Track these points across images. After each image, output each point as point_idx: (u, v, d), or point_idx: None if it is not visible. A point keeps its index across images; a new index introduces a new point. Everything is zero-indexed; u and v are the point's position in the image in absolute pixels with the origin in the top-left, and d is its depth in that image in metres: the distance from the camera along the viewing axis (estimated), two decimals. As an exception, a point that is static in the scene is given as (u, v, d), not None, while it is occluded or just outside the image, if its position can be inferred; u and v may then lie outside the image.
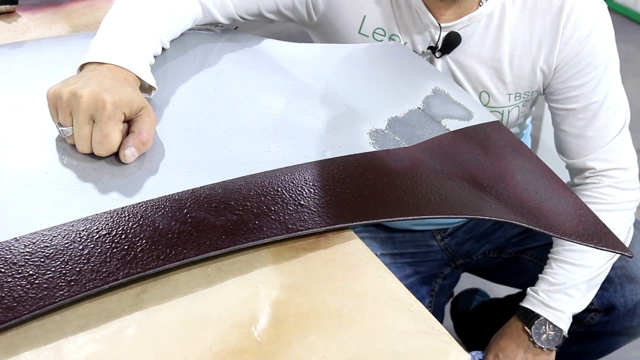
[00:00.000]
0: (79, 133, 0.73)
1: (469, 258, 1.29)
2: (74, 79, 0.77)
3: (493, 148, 0.88)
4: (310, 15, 1.11)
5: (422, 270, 1.27)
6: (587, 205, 0.83)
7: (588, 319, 1.14)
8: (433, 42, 1.06)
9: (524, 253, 1.21)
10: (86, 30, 1.16)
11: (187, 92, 0.88)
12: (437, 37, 1.05)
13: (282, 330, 0.60)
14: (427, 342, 0.61)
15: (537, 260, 1.19)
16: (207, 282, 0.65)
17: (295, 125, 0.85)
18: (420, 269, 1.27)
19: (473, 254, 1.28)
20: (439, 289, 1.30)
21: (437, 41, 1.05)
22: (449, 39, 1.04)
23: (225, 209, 0.70)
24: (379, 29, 1.08)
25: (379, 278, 0.67)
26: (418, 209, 0.75)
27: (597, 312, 1.12)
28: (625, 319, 1.11)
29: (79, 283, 0.60)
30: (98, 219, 0.67)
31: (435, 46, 1.05)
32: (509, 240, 1.24)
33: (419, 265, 1.27)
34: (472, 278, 1.51)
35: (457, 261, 1.30)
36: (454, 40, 1.04)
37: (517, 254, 1.23)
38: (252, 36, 1.06)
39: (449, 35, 1.04)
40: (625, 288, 1.08)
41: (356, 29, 1.09)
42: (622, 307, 1.09)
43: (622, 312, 1.10)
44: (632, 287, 1.08)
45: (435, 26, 1.04)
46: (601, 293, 1.09)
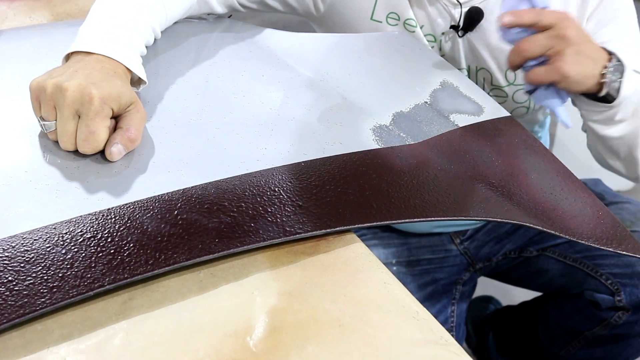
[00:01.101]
0: (62, 129, 0.73)
1: (488, 261, 1.29)
2: (59, 70, 0.77)
3: (505, 145, 0.88)
4: (317, 4, 1.11)
5: (441, 277, 1.27)
6: (605, 207, 0.83)
7: (615, 318, 1.14)
8: (454, 20, 1.06)
9: (547, 250, 1.21)
10: (69, 19, 1.16)
11: (178, 85, 0.88)
12: (457, 16, 1.05)
13: (280, 340, 0.60)
14: (434, 353, 0.61)
15: (561, 258, 1.20)
16: (199, 289, 0.64)
17: (294, 121, 0.85)
18: (439, 276, 1.27)
19: (493, 256, 1.28)
20: (459, 296, 1.30)
21: (459, 19, 1.05)
22: (470, 14, 1.04)
23: (218, 210, 0.70)
24: (393, 13, 1.08)
25: (383, 284, 0.67)
26: (425, 210, 0.75)
27: (624, 310, 1.12)
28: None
29: (62, 290, 0.60)
30: (82, 221, 0.67)
31: (458, 25, 1.05)
32: (530, 239, 1.24)
33: (437, 272, 1.27)
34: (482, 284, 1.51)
35: (476, 265, 1.30)
36: (477, 15, 1.04)
37: (539, 252, 1.23)
38: (248, 25, 1.06)
39: (471, 11, 1.04)
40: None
41: (368, 15, 1.09)
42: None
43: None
44: None
45: (453, 3, 1.04)
46: (630, 290, 1.10)
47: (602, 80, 0.91)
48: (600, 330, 1.16)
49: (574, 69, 0.88)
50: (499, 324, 1.52)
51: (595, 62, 0.91)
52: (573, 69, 0.88)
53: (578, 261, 1.17)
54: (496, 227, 1.27)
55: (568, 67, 0.88)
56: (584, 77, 0.90)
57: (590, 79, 0.91)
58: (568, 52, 0.88)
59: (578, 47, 0.88)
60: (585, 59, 0.89)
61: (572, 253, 1.17)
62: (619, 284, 1.11)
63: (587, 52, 0.90)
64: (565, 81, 0.89)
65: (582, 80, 0.90)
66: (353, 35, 1.07)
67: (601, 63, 0.91)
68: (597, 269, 1.14)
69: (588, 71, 0.90)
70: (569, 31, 0.88)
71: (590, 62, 0.90)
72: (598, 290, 1.14)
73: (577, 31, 0.89)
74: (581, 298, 1.18)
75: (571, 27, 0.88)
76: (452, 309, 1.27)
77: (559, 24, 0.88)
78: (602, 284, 1.13)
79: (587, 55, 0.90)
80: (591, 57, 0.90)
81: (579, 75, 0.89)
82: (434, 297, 1.24)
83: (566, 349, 1.25)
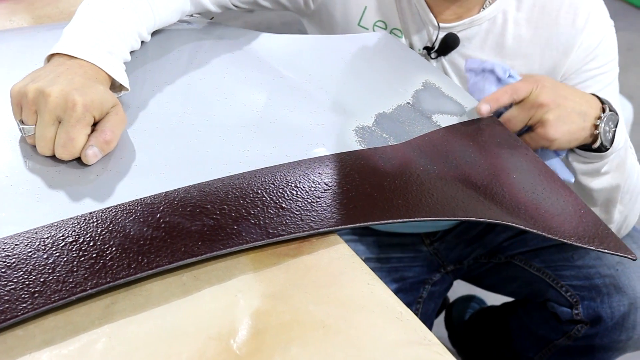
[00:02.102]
0: (41, 133, 0.72)
1: (460, 264, 1.30)
2: (41, 73, 0.76)
3: (487, 145, 0.88)
4: (307, 2, 1.11)
5: (409, 276, 1.28)
6: (587, 205, 0.83)
7: (575, 330, 1.15)
8: (430, 41, 1.07)
9: (514, 258, 1.22)
10: (50, 22, 1.15)
11: (160, 88, 0.88)
12: (434, 37, 1.06)
13: (263, 343, 0.60)
14: (418, 353, 0.61)
15: (526, 266, 1.20)
16: (182, 292, 0.64)
17: (276, 123, 0.85)
18: (407, 275, 1.28)
19: (464, 259, 1.29)
20: (427, 295, 1.31)
21: (434, 41, 1.06)
22: (446, 40, 1.05)
23: (201, 213, 0.70)
24: (380, 21, 1.09)
25: (366, 285, 0.67)
26: (408, 210, 0.75)
27: (583, 323, 1.13)
28: (613, 332, 1.11)
29: (44, 294, 0.60)
30: (64, 225, 0.66)
31: (432, 46, 1.06)
32: (500, 245, 1.24)
33: (406, 271, 1.28)
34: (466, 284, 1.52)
35: (447, 267, 1.31)
36: (452, 42, 1.05)
37: (507, 259, 1.23)
38: (230, 28, 1.06)
39: (447, 37, 1.05)
40: (612, 299, 1.09)
41: (356, 20, 1.09)
42: (609, 319, 1.10)
43: (609, 324, 1.10)
44: (620, 297, 1.08)
45: (434, 25, 1.05)
46: (588, 303, 1.11)
47: (595, 132, 0.92)
48: (564, 341, 1.17)
49: (560, 131, 0.90)
50: (480, 324, 1.53)
51: (583, 115, 0.92)
52: (559, 131, 0.90)
53: (541, 271, 1.17)
54: (466, 230, 1.28)
55: (553, 132, 0.90)
56: (573, 134, 0.91)
57: (581, 133, 0.92)
58: (549, 117, 0.89)
59: (558, 109, 0.90)
60: (569, 116, 0.91)
61: (536, 262, 1.18)
62: (578, 297, 1.12)
63: (570, 108, 0.91)
64: (555, 144, 0.91)
65: (573, 138, 0.92)
66: (335, 37, 1.07)
67: (592, 114, 0.92)
68: (558, 280, 1.15)
69: (576, 126, 0.91)
70: (543, 97, 0.90)
71: (577, 117, 0.91)
72: (558, 302, 1.15)
73: (554, 92, 0.91)
74: (545, 308, 1.19)
75: (545, 91, 0.90)
76: (416, 307, 1.27)
77: (533, 93, 0.90)
78: (562, 296, 1.14)
79: (571, 112, 0.91)
80: (577, 111, 0.91)
81: (567, 135, 0.91)
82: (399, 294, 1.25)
83: (539, 355, 1.26)
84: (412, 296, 1.28)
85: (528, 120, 0.91)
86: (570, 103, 0.91)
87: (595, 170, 0.98)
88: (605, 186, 1.00)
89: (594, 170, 0.98)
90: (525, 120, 0.91)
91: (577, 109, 0.91)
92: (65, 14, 1.18)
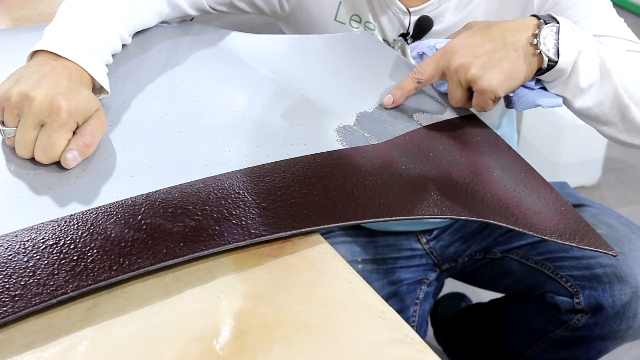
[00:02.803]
0: (22, 136, 0.72)
1: (454, 262, 1.30)
2: (25, 74, 0.76)
3: (468, 143, 0.89)
4: (282, 4, 1.11)
5: (406, 277, 1.28)
6: (568, 202, 0.84)
7: (574, 320, 1.15)
8: (404, 28, 1.07)
9: (510, 252, 1.22)
10: (28, 24, 1.15)
11: (141, 90, 0.88)
12: (407, 23, 1.06)
13: (246, 343, 0.60)
14: (401, 352, 0.61)
15: (523, 260, 1.21)
16: (164, 293, 0.64)
17: (257, 123, 0.85)
18: (404, 276, 1.28)
19: (459, 257, 1.29)
20: (423, 296, 1.31)
21: (408, 27, 1.06)
22: (420, 23, 1.05)
23: (182, 214, 0.70)
24: (355, 15, 1.09)
25: (348, 284, 0.68)
26: (390, 209, 0.75)
27: (584, 313, 1.14)
28: (613, 321, 1.12)
29: (24, 298, 0.60)
30: (44, 228, 0.66)
31: (407, 32, 1.06)
32: (495, 240, 1.25)
33: (403, 272, 1.28)
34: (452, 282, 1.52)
35: (442, 266, 1.31)
36: (426, 24, 1.05)
37: (503, 254, 1.24)
38: (210, 28, 1.06)
39: (420, 20, 1.05)
40: (614, 288, 1.10)
41: (332, 15, 1.10)
42: (610, 307, 1.10)
43: (610, 313, 1.11)
44: (621, 286, 1.09)
45: (403, 12, 1.05)
46: (589, 292, 1.11)
47: (537, 52, 0.87)
48: (562, 332, 1.18)
49: (491, 78, 0.86)
50: (468, 321, 1.54)
51: (510, 46, 0.86)
52: (491, 78, 0.86)
53: (539, 263, 1.18)
54: (462, 227, 1.28)
55: (486, 83, 0.86)
56: (509, 71, 0.86)
57: (518, 63, 0.86)
58: (473, 72, 0.86)
59: (477, 59, 0.86)
60: (493, 58, 0.86)
61: (534, 255, 1.18)
62: (578, 287, 1.12)
63: (490, 50, 0.86)
64: (499, 90, 0.87)
65: (512, 74, 0.86)
66: (316, 36, 1.07)
67: (523, 39, 0.87)
68: (557, 271, 1.15)
69: (508, 62, 0.86)
70: (455, 59, 0.87)
71: (503, 53, 0.86)
72: (558, 292, 1.15)
73: (465, 47, 0.87)
74: (543, 300, 1.20)
75: (456, 52, 0.87)
76: (414, 309, 1.27)
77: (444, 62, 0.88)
78: (562, 286, 1.15)
79: (492, 53, 0.86)
80: (500, 47, 0.86)
81: (503, 75, 0.86)
82: (397, 296, 1.25)
83: (532, 348, 1.26)
84: (409, 298, 1.28)
85: (462, 86, 0.88)
86: (488, 45, 0.86)
87: (574, 86, 0.90)
88: (602, 98, 0.91)
89: (573, 87, 0.90)
90: (460, 88, 0.88)
91: (499, 45, 0.86)
92: (44, 16, 1.17)
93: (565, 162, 2.22)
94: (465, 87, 0.89)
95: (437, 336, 1.67)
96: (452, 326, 1.62)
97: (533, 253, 1.18)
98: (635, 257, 1.09)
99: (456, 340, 1.59)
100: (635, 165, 2.41)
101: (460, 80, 0.88)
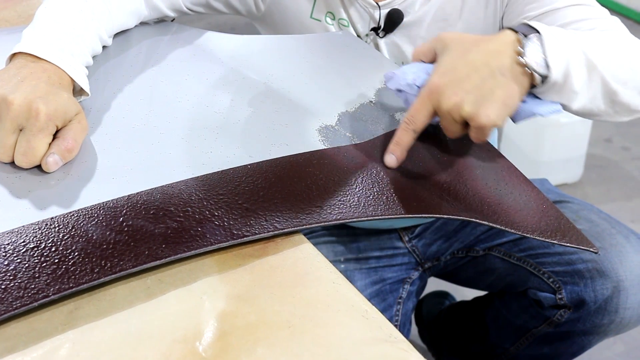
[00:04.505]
0: (1, 141, 0.72)
1: (437, 260, 1.31)
2: (4, 77, 0.75)
3: (450, 142, 0.89)
4: (257, 4, 1.12)
5: (389, 277, 1.28)
6: (549, 200, 0.85)
7: (557, 316, 1.16)
8: (374, 22, 1.08)
9: (493, 250, 1.23)
10: (7, 26, 1.14)
11: (122, 91, 0.88)
12: (377, 17, 1.07)
13: (229, 344, 0.60)
14: (384, 351, 0.62)
15: (506, 257, 1.21)
16: (146, 295, 0.64)
17: (239, 124, 0.85)
18: (387, 275, 1.28)
19: (441, 255, 1.30)
20: (406, 295, 1.31)
21: (379, 21, 1.07)
22: (391, 17, 1.06)
23: (164, 215, 0.70)
24: (330, 12, 1.10)
25: (331, 284, 0.68)
26: (372, 209, 0.76)
27: (566, 308, 1.14)
28: (595, 316, 1.13)
29: (5, 302, 0.60)
30: (25, 231, 0.66)
31: (378, 26, 1.07)
32: (477, 238, 1.25)
33: (386, 271, 1.28)
34: (436, 281, 1.53)
35: (424, 264, 1.31)
36: (397, 17, 1.06)
37: (485, 252, 1.25)
38: (190, 28, 1.06)
39: (391, 13, 1.06)
40: (595, 283, 1.11)
41: (307, 13, 1.10)
42: (592, 302, 1.11)
43: (592, 308, 1.12)
44: (603, 281, 1.10)
45: (373, 6, 1.06)
46: (571, 288, 1.12)
47: (526, 70, 0.81)
48: (545, 328, 1.18)
49: (488, 112, 0.78)
50: (452, 319, 1.54)
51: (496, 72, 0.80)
52: (488, 113, 0.78)
53: (522, 260, 1.18)
54: (444, 225, 1.29)
55: (484, 119, 0.78)
56: (503, 98, 0.79)
57: (510, 87, 0.80)
58: (467, 110, 0.78)
59: (468, 95, 0.79)
60: (482, 88, 0.79)
61: (516, 252, 1.19)
62: (560, 282, 1.13)
63: (478, 81, 0.79)
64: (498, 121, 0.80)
65: (507, 100, 0.80)
66: (297, 36, 1.07)
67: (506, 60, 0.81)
68: (539, 267, 1.16)
69: (501, 90, 0.79)
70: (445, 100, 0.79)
71: (491, 81, 0.80)
72: (541, 288, 1.16)
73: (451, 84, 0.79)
74: (526, 297, 1.20)
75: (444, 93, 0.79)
76: (397, 308, 1.28)
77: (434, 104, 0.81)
78: (544, 282, 1.15)
79: (481, 84, 0.79)
80: (487, 75, 0.80)
81: (498, 104, 0.79)
82: (380, 295, 1.25)
83: (516, 345, 1.27)
84: (392, 297, 1.28)
85: (458, 123, 0.81)
86: (475, 76, 0.79)
87: (567, 92, 0.85)
88: (594, 92, 0.86)
89: (566, 93, 0.85)
90: (456, 125, 0.81)
91: (486, 74, 0.79)
92: (23, 18, 1.17)
93: (547, 160, 2.24)
94: (460, 123, 0.81)
95: (421, 335, 1.67)
96: (436, 324, 1.62)
97: (515, 250, 1.19)
98: (616, 252, 1.10)
99: (440, 338, 1.60)
100: (617, 162, 2.43)
101: (455, 119, 0.81)
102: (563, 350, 1.23)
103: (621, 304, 1.10)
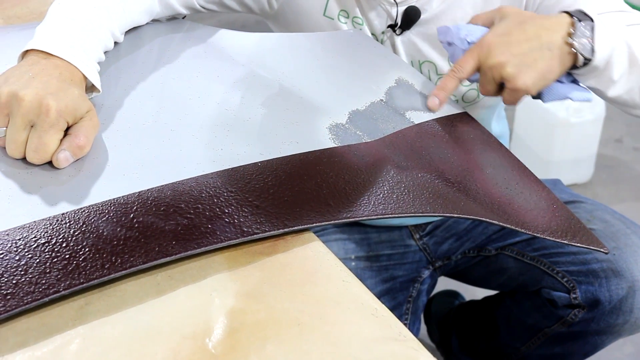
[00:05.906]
0: (13, 137, 0.72)
1: (448, 259, 1.31)
2: (16, 73, 0.76)
3: (460, 141, 0.89)
4: (270, 1, 1.12)
5: (399, 275, 1.28)
6: (559, 200, 0.84)
7: (571, 315, 1.15)
8: (391, 19, 1.07)
9: (505, 249, 1.23)
10: (19, 22, 1.15)
11: (133, 88, 0.88)
12: (394, 14, 1.06)
13: (238, 341, 0.60)
14: (393, 349, 0.62)
15: (519, 256, 1.21)
16: (156, 292, 0.64)
17: (249, 121, 0.85)
18: (398, 273, 1.28)
19: (452, 254, 1.29)
20: (416, 294, 1.31)
21: (396, 18, 1.07)
22: (408, 14, 1.06)
23: (175, 212, 0.70)
24: (343, 11, 1.10)
25: (341, 282, 0.68)
26: (382, 207, 0.76)
27: (581, 308, 1.14)
28: (610, 316, 1.13)
29: (16, 297, 0.60)
30: (36, 226, 0.66)
31: (395, 23, 1.07)
32: (489, 237, 1.25)
33: (396, 269, 1.28)
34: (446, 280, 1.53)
35: (435, 263, 1.31)
36: (414, 14, 1.06)
37: (497, 251, 1.24)
38: (202, 26, 1.06)
39: (408, 10, 1.06)
40: (610, 282, 1.10)
41: (321, 11, 1.10)
42: (607, 302, 1.11)
43: (607, 308, 1.11)
44: (618, 281, 1.09)
45: (390, 3, 1.06)
46: (586, 287, 1.11)
47: (573, 51, 0.87)
48: (558, 327, 1.18)
49: (527, 77, 0.87)
50: (462, 318, 1.54)
51: (545, 47, 0.87)
52: (526, 78, 0.87)
53: (535, 259, 1.18)
54: (455, 224, 1.29)
55: (521, 82, 0.87)
56: (543, 71, 0.87)
57: (554, 63, 0.87)
58: (509, 71, 0.87)
59: (514, 58, 0.86)
60: (528, 57, 0.87)
61: (529, 251, 1.18)
62: (575, 282, 1.13)
63: (527, 49, 0.87)
64: (532, 89, 0.88)
65: (547, 74, 0.88)
66: (308, 35, 1.07)
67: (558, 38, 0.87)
68: (553, 266, 1.16)
69: (544, 62, 0.87)
70: (493, 57, 0.87)
71: (539, 53, 0.87)
72: (555, 288, 1.16)
73: (502, 44, 0.87)
74: (539, 296, 1.20)
75: (493, 50, 0.87)
76: (407, 307, 1.28)
77: (481, 58, 0.88)
78: (558, 282, 1.15)
79: (529, 53, 0.87)
80: (537, 47, 0.87)
81: (538, 75, 0.87)
82: (390, 293, 1.25)
83: (527, 344, 1.26)
84: (402, 296, 1.28)
85: (495, 82, 0.89)
86: (525, 45, 0.87)
87: (605, 80, 0.92)
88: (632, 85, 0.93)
89: (604, 80, 0.92)
90: (493, 83, 0.89)
91: (536, 45, 0.87)
92: (35, 14, 1.17)
93: (558, 160, 2.23)
94: (498, 82, 0.90)
95: (430, 333, 1.67)
96: (445, 323, 1.62)
97: (528, 249, 1.19)
98: (631, 252, 1.09)
99: (449, 337, 1.59)
100: (627, 162, 2.42)
101: (494, 77, 0.89)
102: (575, 350, 1.22)
103: (636, 304, 1.09)
